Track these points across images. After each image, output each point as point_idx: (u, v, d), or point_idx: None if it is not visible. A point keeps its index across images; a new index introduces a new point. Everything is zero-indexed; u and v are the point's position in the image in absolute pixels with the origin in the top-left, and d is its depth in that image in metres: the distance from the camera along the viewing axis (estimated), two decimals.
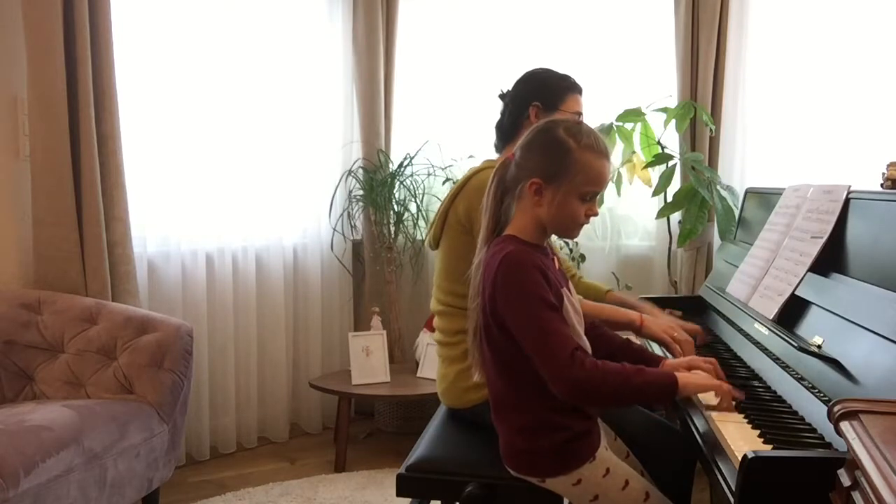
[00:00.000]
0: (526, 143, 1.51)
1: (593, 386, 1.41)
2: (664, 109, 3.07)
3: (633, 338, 1.95)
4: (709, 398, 1.53)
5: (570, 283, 1.61)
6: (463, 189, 1.88)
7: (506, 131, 2.02)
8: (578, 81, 2.03)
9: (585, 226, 1.55)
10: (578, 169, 1.45)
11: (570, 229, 1.53)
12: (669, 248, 3.28)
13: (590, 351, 1.59)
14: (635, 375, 1.44)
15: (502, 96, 2.06)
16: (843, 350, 1.42)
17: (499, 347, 1.49)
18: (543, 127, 1.51)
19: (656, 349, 2.06)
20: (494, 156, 2.08)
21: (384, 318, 3.39)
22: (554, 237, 1.71)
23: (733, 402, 1.49)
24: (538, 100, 1.95)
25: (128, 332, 2.43)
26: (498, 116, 2.08)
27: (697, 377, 1.50)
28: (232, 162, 3.15)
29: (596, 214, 1.53)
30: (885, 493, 0.81)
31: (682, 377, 1.46)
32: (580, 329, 1.56)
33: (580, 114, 1.98)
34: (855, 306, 1.47)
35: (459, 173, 3.41)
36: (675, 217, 3.21)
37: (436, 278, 1.96)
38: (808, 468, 1.14)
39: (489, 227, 1.55)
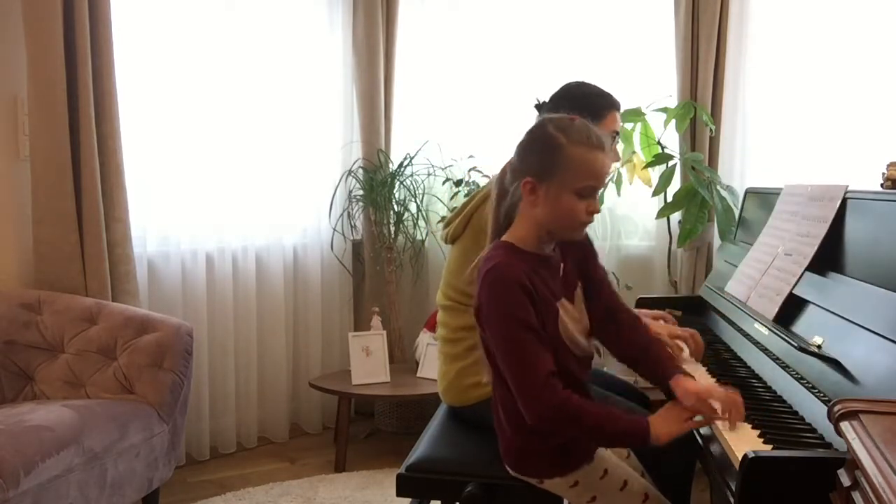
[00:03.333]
0: (519, 145, 1.49)
1: (559, 420, 1.38)
2: (664, 109, 3.07)
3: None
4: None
5: (579, 292, 1.57)
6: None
7: None
8: (616, 97, 1.99)
9: (592, 221, 1.48)
10: (569, 164, 1.40)
11: (571, 228, 1.47)
12: (669, 248, 3.28)
13: (591, 353, 1.59)
14: (608, 422, 1.39)
15: (538, 107, 2.00)
16: (843, 350, 1.42)
17: (492, 354, 1.48)
18: (534, 126, 1.49)
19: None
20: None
21: (384, 318, 3.39)
22: None
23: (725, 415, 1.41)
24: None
25: (128, 332, 2.43)
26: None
27: (669, 428, 1.39)
28: (232, 162, 3.15)
29: (597, 211, 1.46)
30: (885, 492, 0.81)
31: (655, 429, 1.38)
32: (581, 337, 1.53)
33: (617, 132, 1.96)
34: (855, 306, 1.47)
35: (459, 173, 3.41)
36: (675, 217, 3.21)
37: (445, 273, 1.95)
38: (808, 468, 1.15)
39: (493, 232, 1.54)
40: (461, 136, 3.48)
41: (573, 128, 1.43)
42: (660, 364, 1.56)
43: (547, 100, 1.99)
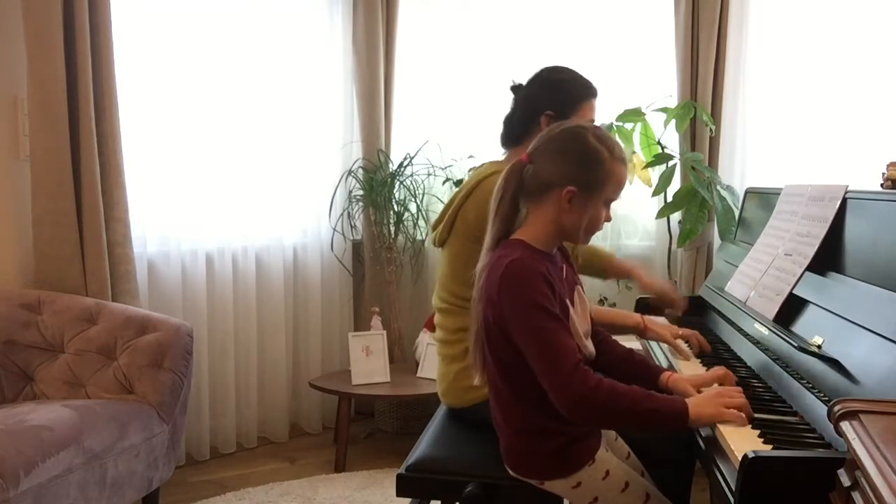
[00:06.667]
0: (556, 149, 1.48)
1: (596, 403, 1.37)
2: (664, 109, 3.07)
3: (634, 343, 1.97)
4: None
5: (580, 291, 1.60)
6: (472, 195, 1.84)
7: (514, 131, 1.98)
8: (594, 84, 1.98)
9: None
10: (609, 178, 1.47)
11: (588, 234, 1.53)
12: (669, 248, 3.28)
13: (594, 354, 1.59)
14: (644, 400, 1.38)
15: (514, 89, 2.01)
16: (843, 350, 1.42)
17: (500, 352, 1.48)
18: (572, 134, 1.49)
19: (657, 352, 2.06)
20: (496, 156, 2.07)
21: (384, 318, 3.39)
22: None
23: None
24: (551, 108, 1.89)
25: (128, 332, 2.43)
26: (502, 112, 2.04)
27: (707, 409, 1.39)
28: (232, 162, 3.15)
29: (610, 220, 1.54)
30: (885, 493, 0.81)
31: (695, 408, 1.38)
32: (585, 336, 1.55)
33: (592, 120, 1.93)
34: (855, 306, 1.47)
35: (459, 173, 3.41)
36: (675, 217, 3.21)
37: (439, 277, 1.95)
38: (808, 468, 1.15)
39: (499, 230, 1.52)
40: (461, 136, 3.48)
41: (612, 142, 1.50)
42: (645, 365, 1.68)
43: (524, 83, 2.01)
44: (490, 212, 1.54)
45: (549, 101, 1.91)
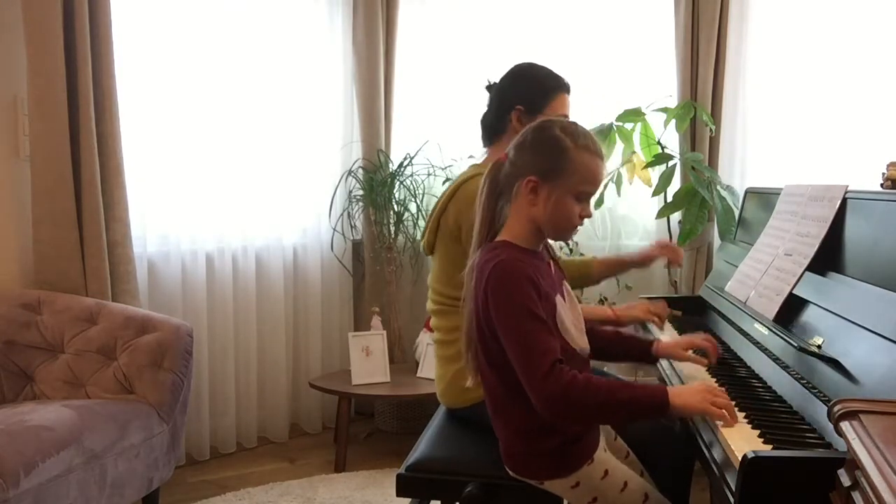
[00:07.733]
0: (520, 142, 1.50)
1: (572, 400, 1.35)
2: (664, 109, 3.08)
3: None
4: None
5: (567, 287, 1.60)
6: (453, 199, 1.86)
7: (489, 128, 1.99)
8: (567, 79, 1.97)
9: (583, 226, 1.54)
10: (574, 168, 1.44)
11: (564, 230, 1.51)
12: None
13: (588, 350, 1.59)
14: (621, 390, 1.38)
15: (489, 88, 2.02)
16: (843, 350, 1.42)
17: (493, 352, 1.48)
18: (539, 126, 1.50)
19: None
20: (480, 161, 2.06)
21: (384, 318, 3.39)
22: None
23: (738, 416, 1.43)
24: (521, 103, 1.90)
25: (128, 332, 2.43)
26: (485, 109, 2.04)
27: (693, 399, 1.39)
28: (232, 162, 3.15)
29: (590, 216, 1.51)
30: (885, 493, 0.81)
31: (675, 396, 1.38)
32: (577, 332, 1.54)
33: (566, 116, 1.90)
34: (855, 306, 1.47)
35: (459, 173, 3.41)
36: (675, 217, 3.21)
37: (431, 282, 1.98)
38: (808, 468, 1.15)
39: (482, 230, 1.52)
40: (461, 136, 3.47)
41: (578, 132, 1.46)
42: (635, 339, 1.80)
43: (497, 81, 2.00)
44: (476, 214, 1.54)
45: (519, 95, 1.90)
